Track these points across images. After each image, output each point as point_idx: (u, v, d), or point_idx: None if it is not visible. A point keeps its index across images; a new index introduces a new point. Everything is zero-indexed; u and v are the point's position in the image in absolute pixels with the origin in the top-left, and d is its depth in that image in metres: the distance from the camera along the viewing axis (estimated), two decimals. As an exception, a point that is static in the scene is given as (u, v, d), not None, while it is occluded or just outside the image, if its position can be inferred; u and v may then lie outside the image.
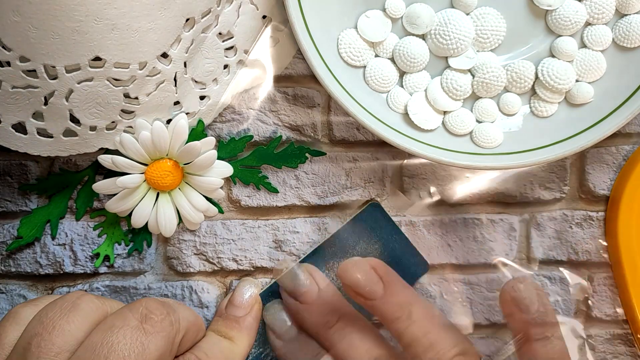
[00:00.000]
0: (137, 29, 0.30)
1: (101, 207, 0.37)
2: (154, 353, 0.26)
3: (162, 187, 0.34)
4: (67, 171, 0.36)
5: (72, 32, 0.29)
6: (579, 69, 0.35)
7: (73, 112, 0.32)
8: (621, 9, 0.35)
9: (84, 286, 0.37)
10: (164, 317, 0.27)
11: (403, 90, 0.36)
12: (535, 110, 0.36)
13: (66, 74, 0.30)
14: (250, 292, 0.35)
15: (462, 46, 0.35)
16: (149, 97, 0.33)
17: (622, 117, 0.34)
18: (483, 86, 0.35)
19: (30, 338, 0.26)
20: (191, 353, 0.30)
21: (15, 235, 0.37)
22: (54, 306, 0.27)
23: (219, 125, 0.37)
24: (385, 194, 0.38)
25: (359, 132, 0.37)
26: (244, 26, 0.35)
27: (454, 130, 0.36)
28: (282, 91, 0.37)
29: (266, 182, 0.37)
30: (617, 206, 0.37)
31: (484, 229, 0.38)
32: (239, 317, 0.34)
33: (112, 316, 0.27)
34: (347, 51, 0.35)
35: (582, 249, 0.38)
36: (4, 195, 0.37)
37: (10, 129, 0.32)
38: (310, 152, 0.37)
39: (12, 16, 0.28)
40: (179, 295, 0.37)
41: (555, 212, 0.38)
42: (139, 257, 0.37)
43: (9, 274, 0.37)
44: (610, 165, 0.38)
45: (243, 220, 0.37)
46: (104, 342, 0.26)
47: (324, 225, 0.38)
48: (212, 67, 0.35)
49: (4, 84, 0.30)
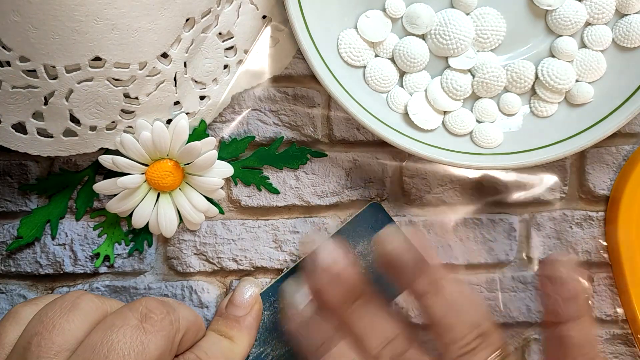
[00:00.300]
0: (137, 29, 0.30)
1: (101, 207, 0.37)
2: (153, 352, 0.26)
3: (163, 187, 0.34)
4: (67, 171, 0.36)
5: (72, 32, 0.29)
6: (579, 69, 0.35)
7: (73, 112, 0.32)
8: (621, 9, 0.35)
9: (84, 286, 0.37)
10: (164, 317, 0.27)
11: (403, 90, 0.36)
12: (535, 110, 0.36)
13: (66, 74, 0.30)
14: (250, 292, 0.35)
15: (462, 46, 0.35)
16: (149, 97, 0.33)
17: (622, 117, 0.34)
18: (483, 86, 0.35)
19: (30, 337, 0.26)
20: (191, 352, 0.30)
21: (15, 235, 0.37)
22: (53, 305, 0.27)
23: (219, 125, 0.37)
24: (385, 194, 0.38)
25: (359, 132, 0.37)
26: (244, 26, 0.35)
27: (454, 130, 0.36)
28: (282, 91, 0.37)
29: (267, 183, 0.37)
30: (617, 206, 0.37)
31: (484, 229, 0.38)
32: (239, 317, 0.34)
33: (112, 315, 0.27)
34: (347, 51, 0.35)
35: (582, 249, 0.38)
36: (4, 195, 0.37)
37: (10, 129, 0.32)
38: (312, 153, 0.37)
39: (12, 16, 0.28)
40: (179, 295, 0.37)
41: (555, 212, 0.38)
42: (139, 257, 0.37)
43: (9, 274, 0.37)
44: (610, 165, 0.38)
45: (243, 220, 0.37)
46: (103, 341, 0.26)
47: (324, 225, 0.38)
48: (212, 67, 0.35)
49: (4, 84, 0.30)
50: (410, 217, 0.38)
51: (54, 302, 0.28)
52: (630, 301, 0.37)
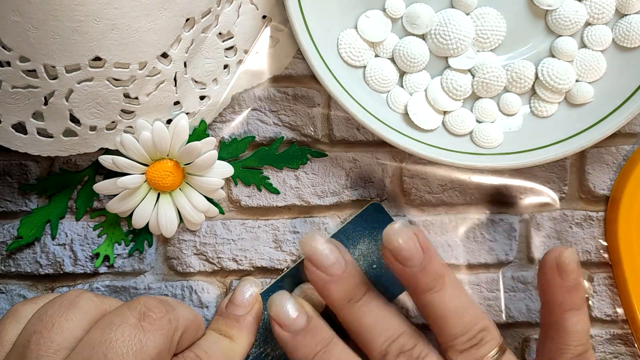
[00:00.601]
0: (137, 29, 0.30)
1: (101, 207, 0.37)
2: (152, 350, 0.26)
3: (163, 187, 0.34)
4: (67, 171, 0.36)
5: (72, 32, 0.29)
6: (579, 69, 0.35)
7: (73, 112, 0.32)
8: (621, 9, 0.35)
9: (84, 286, 0.37)
10: (163, 315, 0.27)
11: (403, 90, 0.36)
12: (535, 110, 0.36)
13: (66, 74, 0.30)
14: (250, 292, 0.35)
15: (462, 46, 0.35)
16: (149, 97, 0.33)
17: (622, 117, 0.34)
18: (483, 86, 0.35)
19: (29, 336, 0.26)
20: (190, 351, 0.30)
21: (15, 235, 0.37)
22: (53, 304, 0.27)
23: (219, 125, 0.37)
24: (385, 194, 0.38)
25: (359, 132, 0.37)
26: (244, 26, 0.35)
27: (454, 130, 0.36)
28: (282, 91, 0.37)
29: (267, 183, 0.37)
30: (617, 206, 0.37)
31: (484, 229, 0.38)
32: (239, 316, 0.34)
33: (110, 314, 0.27)
34: (347, 51, 0.35)
35: (582, 249, 0.38)
36: (4, 195, 0.37)
37: (10, 129, 0.32)
38: (312, 153, 0.37)
39: (12, 16, 0.28)
40: (179, 295, 0.37)
41: (555, 212, 0.38)
42: (138, 257, 0.37)
43: (9, 274, 0.37)
44: (610, 165, 0.38)
45: (243, 220, 0.37)
46: (102, 339, 0.26)
47: (324, 225, 0.38)
48: (212, 67, 0.35)
49: (4, 84, 0.31)
50: (410, 217, 0.38)
51: (53, 301, 0.28)
52: (630, 301, 0.37)
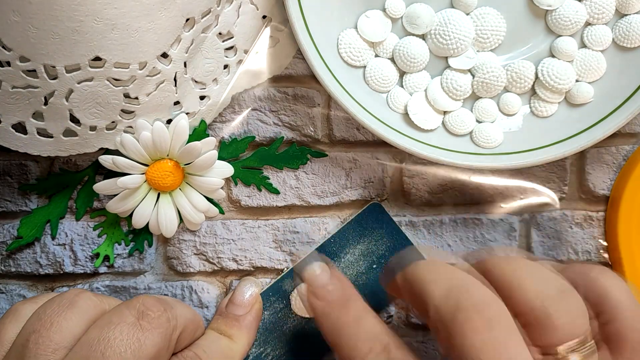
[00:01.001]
0: (137, 29, 0.30)
1: (101, 207, 0.37)
2: (150, 349, 0.26)
3: (163, 187, 0.34)
4: (67, 171, 0.36)
5: (72, 32, 0.29)
6: (579, 69, 0.35)
7: (73, 112, 0.32)
8: (621, 9, 0.35)
9: (84, 286, 0.37)
10: (161, 314, 0.27)
11: (403, 90, 0.36)
12: (535, 110, 0.36)
13: (66, 74, 0.30)
14: (251, 291, 0.35)
15: (462, 46, 0.35)
16: (149, 97, 0.33)
17: (622, 117, 0.34)
18: (483, 86, 0.35)
19: (28, 335, 0.26)
20: (189, 350, 0.30)
21: (15, 235, 0.37)
22: (52, 303, 0.27)
23: (219, 125, 0.37)
24: (385, 194, 0.38)
25: (359, 132, 0.37)
26: (244, 26, 0.35)
27: (454, 130, 0.36)
28: (282, 91, 0.37)
29: (267, 183, 0.37)
30: (617, 206, 0.37)
31: (484, 229, 0.38)
32: (239, 316, 0.34)
33: (109, 313, 0.27)
34: (347, 51, 0.35)
35: (582, 249, 0.38)
36: (4, 195, 0.37)
37: (10, 129, 0.32)
38: (312, 153, 0.37)
39: (12, 16, 0.28)
40: (179, 295, 0.37)
41: (555, 212, 0.38)
42: (138, 257, 0.37)
43: (9, 274, 0.37)
44: (610, 165, 0.38)
45: (243, 220, 0.37)
46: (100, 338, 0.26)
47: (324, 225, 0.38)
48: (212, 67, 0.35)
49: (4, 84, 0.31)
50: (410, 217, 0.38)
51: (52, 300, 0.28)
52: (630, 301, 0.37)
